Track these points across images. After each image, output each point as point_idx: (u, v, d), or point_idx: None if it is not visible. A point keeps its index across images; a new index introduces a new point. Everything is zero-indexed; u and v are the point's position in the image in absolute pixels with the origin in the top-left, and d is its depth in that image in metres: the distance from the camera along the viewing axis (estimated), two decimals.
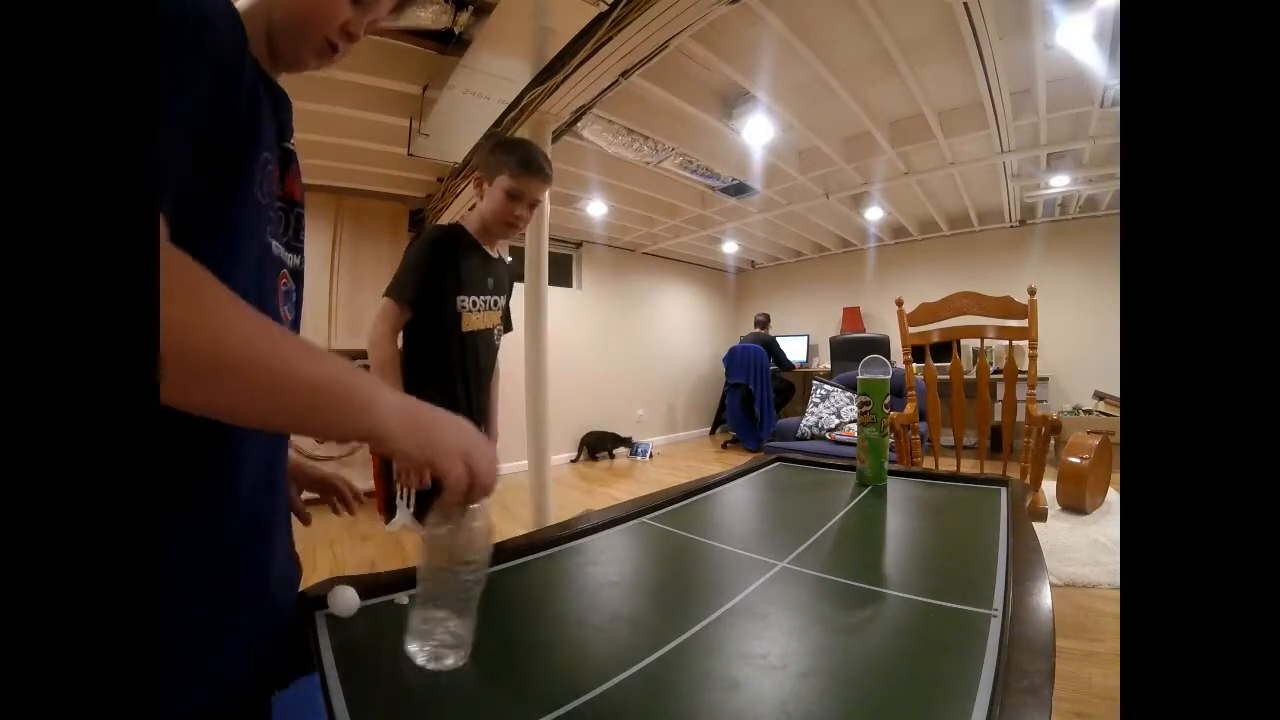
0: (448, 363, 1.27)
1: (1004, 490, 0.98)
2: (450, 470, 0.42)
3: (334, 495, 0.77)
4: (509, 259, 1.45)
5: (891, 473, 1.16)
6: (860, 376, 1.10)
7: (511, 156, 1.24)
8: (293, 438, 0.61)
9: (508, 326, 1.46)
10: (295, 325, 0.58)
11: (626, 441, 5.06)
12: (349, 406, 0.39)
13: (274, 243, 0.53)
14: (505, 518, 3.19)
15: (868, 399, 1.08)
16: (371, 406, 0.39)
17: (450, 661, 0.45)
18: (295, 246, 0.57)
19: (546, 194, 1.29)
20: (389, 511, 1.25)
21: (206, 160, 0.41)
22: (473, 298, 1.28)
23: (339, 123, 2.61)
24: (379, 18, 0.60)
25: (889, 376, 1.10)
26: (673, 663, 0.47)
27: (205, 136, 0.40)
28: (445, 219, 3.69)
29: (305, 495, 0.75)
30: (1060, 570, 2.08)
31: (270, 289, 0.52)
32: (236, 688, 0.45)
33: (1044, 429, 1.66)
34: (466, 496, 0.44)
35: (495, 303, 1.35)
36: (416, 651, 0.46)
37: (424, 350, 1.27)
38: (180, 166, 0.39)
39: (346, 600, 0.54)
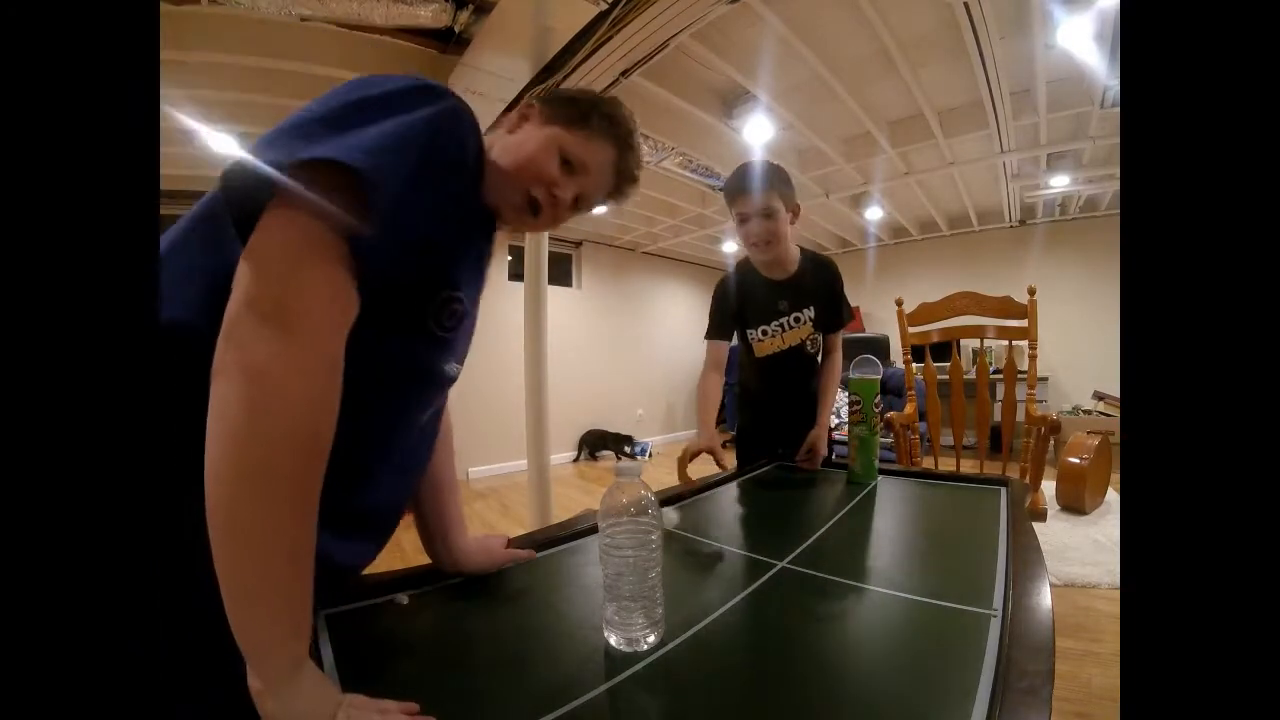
0: (749, 385, 1.51)
1: (1004, 490, 0.98)
2: None
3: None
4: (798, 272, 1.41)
5: (891, 473, 1.16)
6: (850, 376, 1.12)
7: (727, 185, 1.36)
8: None
9: (832, 324, 1.43)
10: (433, 430, 0.63)
11: (628, 439, 5.05)
12: (267, 640, 0.36)
13: (448, 365, 0.57)
14: (505, 517, 3.19)
15: (858, 398, 1.10)
16: (276, 668, 0.37)
17: (648, 642, 0.49)
18: (464, 356, 0.61)
19: (772, 199, 1.27)
20: None
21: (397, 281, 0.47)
22: (761, 328, 1.39)
23: None
24: (585, 195, 0.62)
25: (879, 376, 1.11)
26: (673, 662, 0.47)
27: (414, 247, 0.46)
28: None
29: None
30: (1060, 570, 2.08)
31: (417, 411, 0.56)
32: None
33: (1044, 429, 1.66)
34: None
35: (796, 319, 1.39)
36: (615, 640, 0.49)
37: (741, 373, 1.55)
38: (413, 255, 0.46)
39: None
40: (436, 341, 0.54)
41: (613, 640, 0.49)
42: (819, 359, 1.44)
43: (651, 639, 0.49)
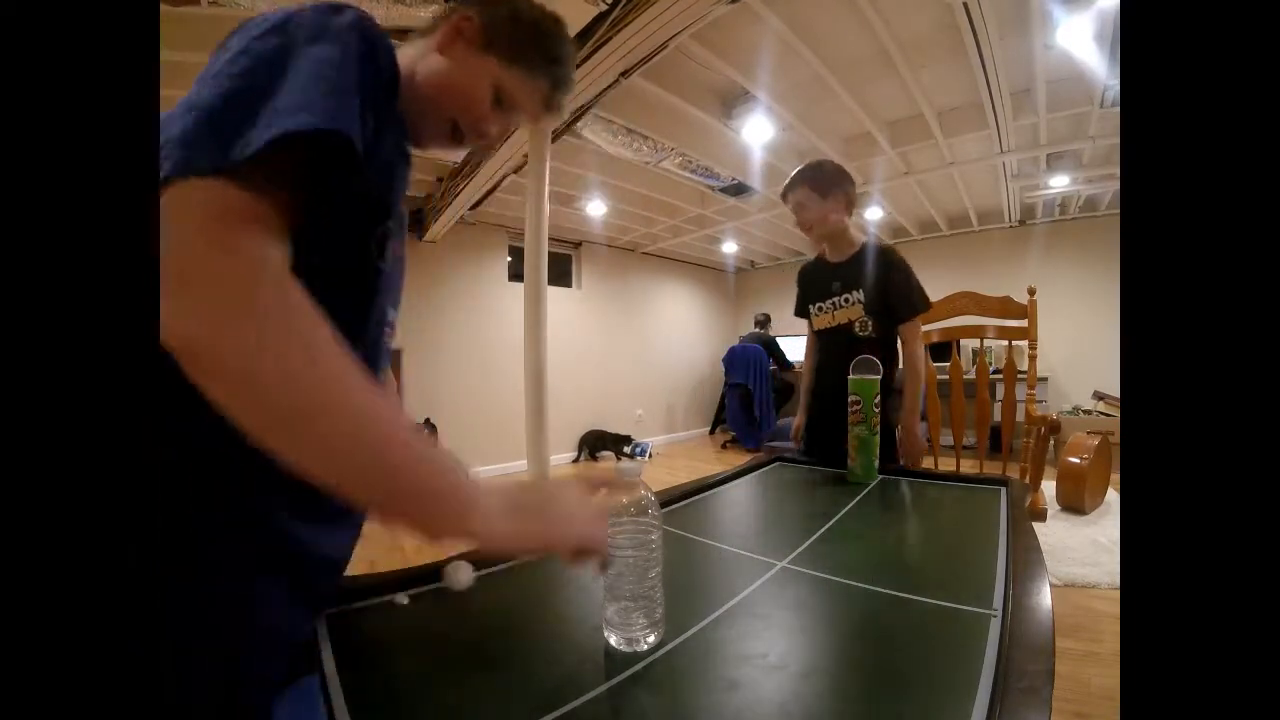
0: (814, 365, 1.70)
1: (1004, 490, 0.98)
2: (564, 553, 0.44)
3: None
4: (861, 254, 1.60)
5: (891, 472, 1.16)
6: (850, 376, 1.11)
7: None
8: None
9: (894, 313, 1.51)
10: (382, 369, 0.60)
11: (626, 440, 5.06)
12: (456, 508, 0.38)
13: (389, 309, 0.54)
14: None
15: (858, 398, 1.10)
16: (472, 507, 0.39)
17: (650, 641, 0.49)
18: (398, 301, 0.58)
19: (798, 194, 1.56)
20: None
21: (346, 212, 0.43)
22: (819, 303, 1.62)
23: None
24: (511, 128, 0.59)
25: (879, 376, 1.11)
26: (673, 662, 0.47)
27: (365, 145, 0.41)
28: (443, 219, 3.69)
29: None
30: (1060, 570, 2.08)
31: (383, 350, 0.54)
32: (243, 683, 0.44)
33: (1043, 429, 1.66)
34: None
35: (845, 300, 1.55)
36: (615, 641, 0.49)
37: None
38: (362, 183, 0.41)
39: (463, 575, 0.58)
40: (380, 277, 0.50)
41: (613, 640, 0.49)
42: (875, 346, 1.48)
43: (651, 639, 0.49)
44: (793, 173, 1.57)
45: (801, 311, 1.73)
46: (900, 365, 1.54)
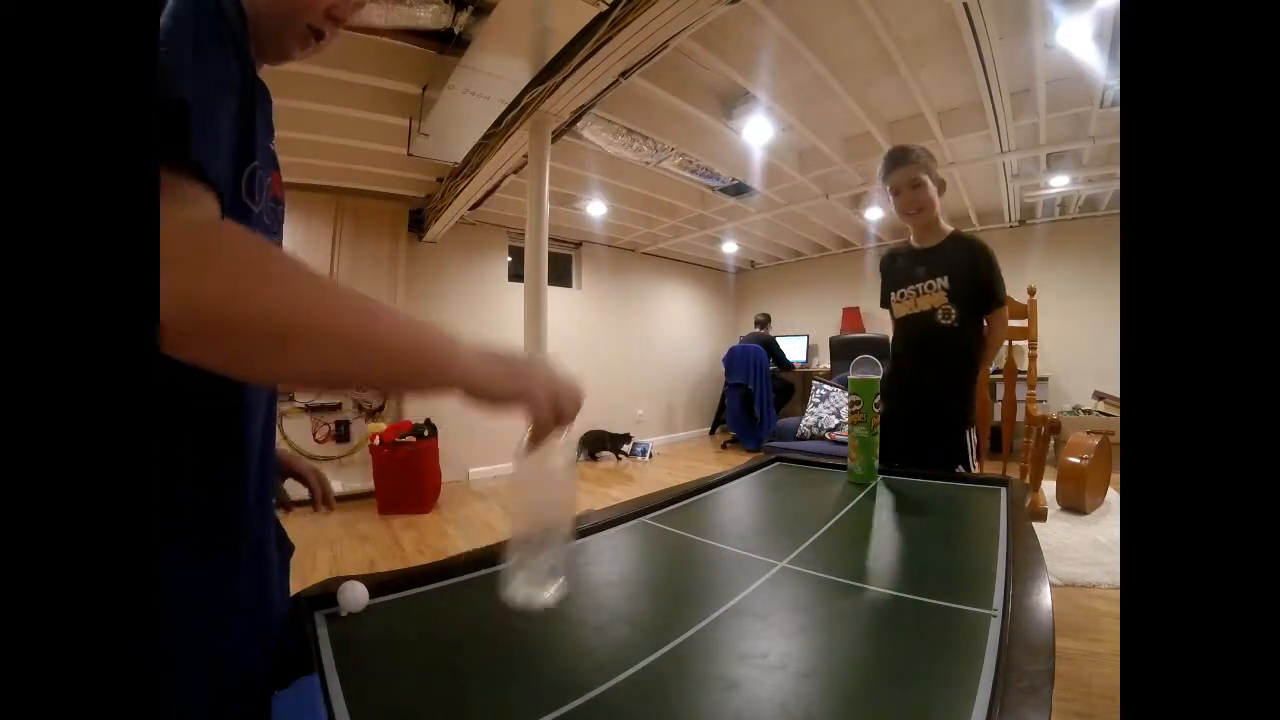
0: (893, 356, 1.62)
1: (1004, 490, 0.98)
2: (538, 405, 0.44)
3: (310, 490, 0.78)
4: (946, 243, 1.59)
5: (891, 472, 1.16)
6: (851, 376, 1.12)
7: (881, 167, 1.56)
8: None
9: (977, 301, 1.52)
10: None
11: (625, 438, 5.05)
12: (436, 362, 0.40)
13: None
14: (506, 518, 3.18)
15: (858, 398, 1.10)
16: (453, 359, 0.41)
17: (548, 596, 0.47)
18: (279, 245, 0.57)
19: (918, 172, 1.52)
20: None
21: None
22: (901, 290, 1.58)
23: (339, 123, 2.61)
24: (363, 1, 0.58)
25: (879, 376, 1.11)
26: (673, 663, 0.47)
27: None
28: (443, 219, 3.69)
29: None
30: (1060, 570, 2.08)
31: None
32: (237, 687, 0.45)
33: (1043, 429, 1.66)
34: (552, 429, 0.45)
35: (929, 286, 1.53)
36: (515, 593, 0.47)
37: (891, 348, 1.68)
38: (226, 134, 0.40)
39: (356, 596, 0.56)
40: (253, 219, 0.49)
41: (511, 590, 0.47)
42: (957, 335, 1.51)
43: (551, 591, 0.48)
44: (902, 149, 1.54)
45: (886, 302, 1.67)
46: (982, 351, 1.57)
